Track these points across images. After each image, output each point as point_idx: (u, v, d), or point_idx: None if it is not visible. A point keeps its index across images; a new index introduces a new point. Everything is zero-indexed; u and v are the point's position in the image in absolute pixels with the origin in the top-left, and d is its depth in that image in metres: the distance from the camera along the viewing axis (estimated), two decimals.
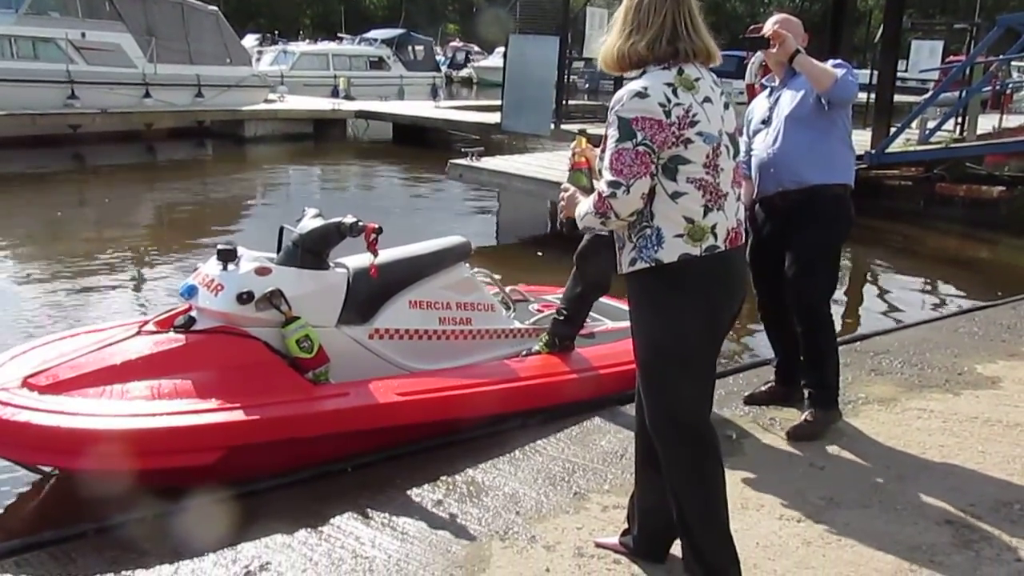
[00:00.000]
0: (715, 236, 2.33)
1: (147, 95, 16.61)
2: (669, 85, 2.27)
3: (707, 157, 2.30)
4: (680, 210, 2.30)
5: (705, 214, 2.32)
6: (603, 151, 2.37)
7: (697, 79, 2.31)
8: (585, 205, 2.38)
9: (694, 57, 2.33)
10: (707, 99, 2.31)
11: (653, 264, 2.32)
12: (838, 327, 3.90)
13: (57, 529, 2.99)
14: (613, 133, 2.28)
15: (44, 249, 8.46)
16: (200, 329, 3.54)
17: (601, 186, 2.29)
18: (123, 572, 2.70)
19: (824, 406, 3.78)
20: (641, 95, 2.25)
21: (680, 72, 2.30)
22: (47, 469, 3.55)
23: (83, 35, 15.98)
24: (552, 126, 13.87)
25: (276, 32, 37.27)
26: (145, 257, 8.25)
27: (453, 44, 49.72)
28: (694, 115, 2.27)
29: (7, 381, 3.32)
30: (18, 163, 13.54)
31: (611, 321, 4.67)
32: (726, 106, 2.38)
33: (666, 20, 2.29)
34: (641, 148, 2.23)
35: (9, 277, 7.37)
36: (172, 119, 16.89)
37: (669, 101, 2.25)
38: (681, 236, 2.31)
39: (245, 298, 3.49)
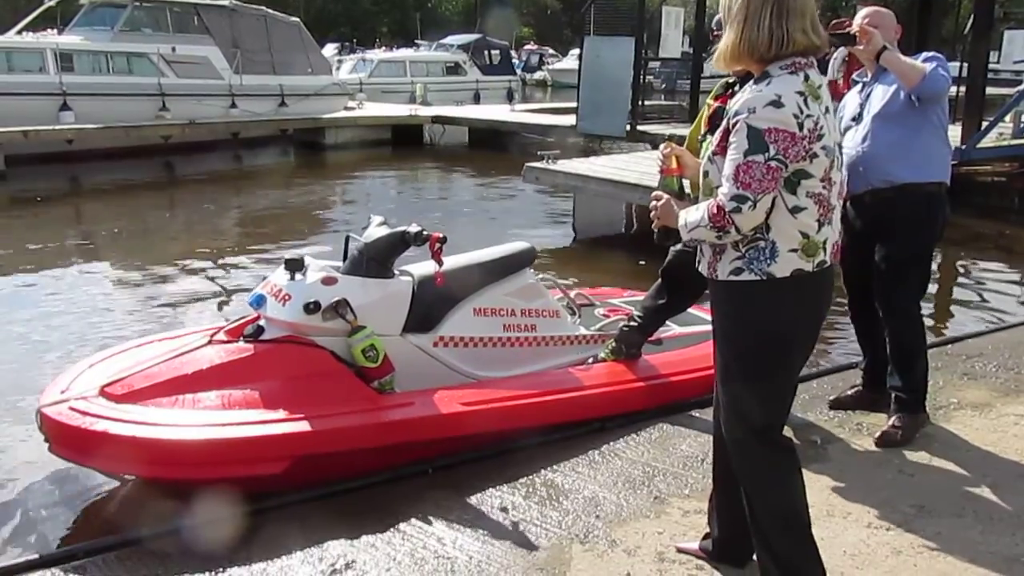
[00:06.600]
0: (825, 251, 2.26)
1: (233, 105, 17.18)
2: (800, 94, 2.15)
3: (825, 171, 2.21)
4: (798, 224, 2.21)
5: (819, 229, 2.23)
6: (712, 153, 2.25)
7: (819, 86, 2.21)
8: (695, 216, 2.24)
9: (817, 52, 2.23)
10: (827, 108, 2.22)
11: (764, 277, 2.23)
12: (928, 329, 3.76)
13: (141, 529, 3.07)
14: (740, 143, 2.14)
15: (129, 257, 8.77)
16: (268, 339, 3.59)
17: (722, 199, 2.16)
18: (216, 569, 2.80)
19: (911, 410, 3.67)
20: (776, 104, 2.13)
21: (807, 79, 2.18)
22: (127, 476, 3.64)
23: (173, 49, 16.62)
24: (628, 127, 13.78)
25: (355, 41, 38.03)
26: (223, 265, 8.45)
27: (528, 47, 49.92)
28: (820, 128, 2.17)
29: (86, 390, 3.43)
30: (112, 174, 14.12)
31: (679, 326, 4.58)
32: (833, 113, 2.29)
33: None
34: (773, 163, 2.12)
35: (89, 285, 7.59)
36: (257, 128, 17.39)
37: (801, 112, 2.13)
38: (796, 251, 2.22)
39: (312, 308, 3.53)
